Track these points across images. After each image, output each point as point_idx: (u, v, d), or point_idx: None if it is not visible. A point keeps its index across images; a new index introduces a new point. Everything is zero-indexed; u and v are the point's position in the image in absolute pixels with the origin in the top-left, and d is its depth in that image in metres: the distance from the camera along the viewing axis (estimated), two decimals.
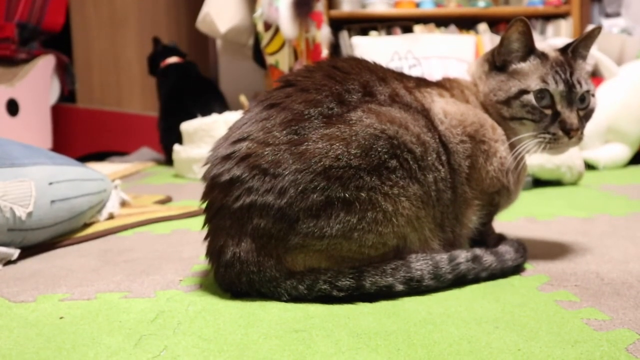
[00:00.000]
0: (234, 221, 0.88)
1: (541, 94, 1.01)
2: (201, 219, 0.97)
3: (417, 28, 3.57)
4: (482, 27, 3.61)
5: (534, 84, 1.02)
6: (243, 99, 3.05)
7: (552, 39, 3.29)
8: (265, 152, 0.87)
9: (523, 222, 1.48)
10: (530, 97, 1.02)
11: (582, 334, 0.75)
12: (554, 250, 1.17)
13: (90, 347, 0.74)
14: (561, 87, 1.01)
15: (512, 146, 1.05)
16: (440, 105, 1.03)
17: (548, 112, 1.02)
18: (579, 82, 1.02)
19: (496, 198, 1.06)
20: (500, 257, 0.99)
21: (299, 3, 2.84)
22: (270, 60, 3.09)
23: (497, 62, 1.07)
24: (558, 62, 1.03)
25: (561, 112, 1.01)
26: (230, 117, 2.57)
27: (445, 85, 1.10)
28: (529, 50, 1.05)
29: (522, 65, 1.05)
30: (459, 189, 1.00)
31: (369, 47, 2.88)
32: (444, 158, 0.98)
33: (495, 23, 3.68)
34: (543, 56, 1.05)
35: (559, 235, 1.32)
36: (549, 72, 1.02)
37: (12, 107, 2.90)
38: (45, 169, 1.31)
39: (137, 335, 0.77)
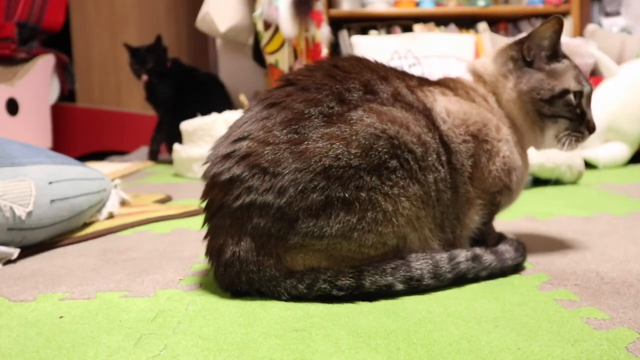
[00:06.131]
0: (234, 220, 0.88)
1: (578, 94, 1.06)
2: (201, 218, 0.97)
3: (417, 27, 3.57)
4: (482, 26, 3.60)
5: (573, 84, 1.06)
6: (243, 98, 3.05)
7: None
8: (266, 151, 0.87)
9: (523, 221, 1.48)
10: (571, 97, 1.06)
11: (582, 333, 0.75)
12: (554, 249, 1.17)
13: (90, 346, 0.74)
14: (588, 88, 1.07)
15: (539, 143, 1.10)
16: (443, 104, 1.02)
17: (579, 111, 1.06)
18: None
19: (498, 197, 1.06)
20: (500, 256, 0.99)
21: (299, 2, 2.84)
22: (270, 59, 3.09)
23: (527, 58, 1.08)
24: (575, 64, 1.09)
25: (587, 112, 1.07)
26: (230, 116, 2.57)
27: (449, 85, 1.09)
28: (556, 50, 1.08)
29: (558, 65, 1.08)
30: (461, 189, 1.00)
31: (369, 46, 2.87)
32: (443, 158, 0.97)
33: (494, 22, 3.68)
34: (567, 57, 1.09)
35: (559, 234, 1.32)
36: (579, 74, 1.07)
37: (12, 107, 2.89)
38: (45, 168, 1.31)
39: (137, 334, 0.77)
